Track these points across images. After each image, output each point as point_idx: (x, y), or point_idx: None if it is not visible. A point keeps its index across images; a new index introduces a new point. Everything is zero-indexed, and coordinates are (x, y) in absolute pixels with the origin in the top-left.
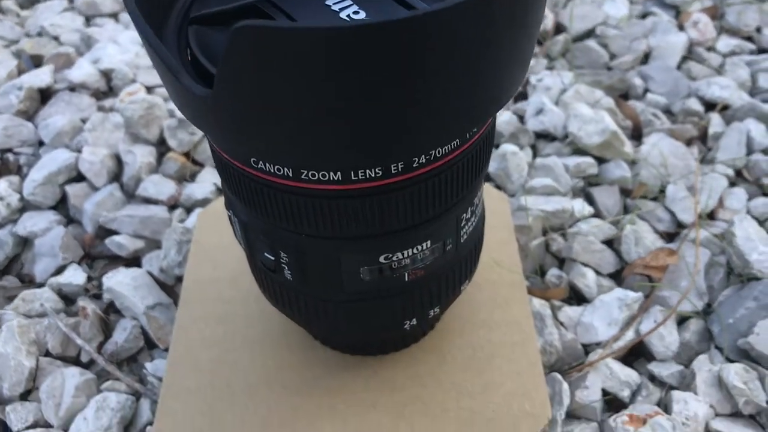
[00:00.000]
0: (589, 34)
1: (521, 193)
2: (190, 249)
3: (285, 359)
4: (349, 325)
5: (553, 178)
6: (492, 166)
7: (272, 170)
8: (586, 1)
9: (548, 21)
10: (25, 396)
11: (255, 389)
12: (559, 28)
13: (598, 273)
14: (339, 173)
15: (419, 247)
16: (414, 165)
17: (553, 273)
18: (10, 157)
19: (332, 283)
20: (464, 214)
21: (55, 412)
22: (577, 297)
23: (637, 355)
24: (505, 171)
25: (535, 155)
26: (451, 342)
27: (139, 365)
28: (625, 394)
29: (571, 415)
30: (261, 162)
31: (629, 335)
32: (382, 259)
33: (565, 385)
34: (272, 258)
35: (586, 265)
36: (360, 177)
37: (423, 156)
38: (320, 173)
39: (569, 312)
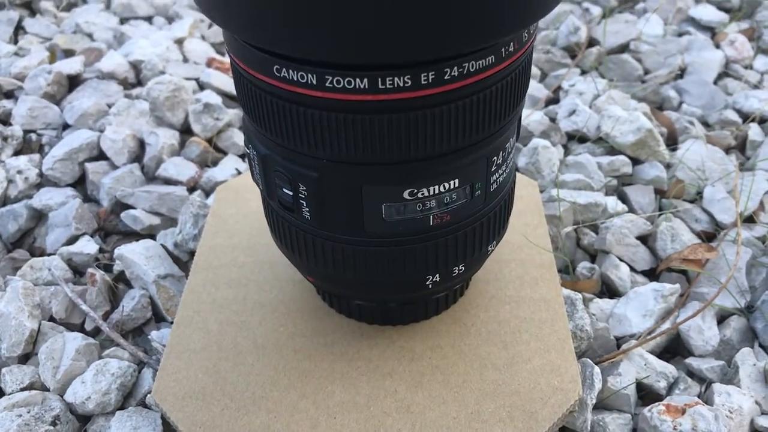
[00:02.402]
0: (623, 48)
1: (552, 187)
2: (207, 220)
3: (297, 325)
4: (368, 275)
5: (585, 174)
6: (522, 161)
7: (296, 78)
8: (620, 19)
9: (581, 34)
10: (23, 360)
11: (263, 351)
12: (591, 42)
13: (631, 269)
14: (366, 80)
15: (446, 185)
16: (445, 77)
17: (584, 266)
18: (33, 137)
19: (353, 223)
20: (495, 158)
21: (53, 375)
22: (609, 292)
23: (673, 353)
24: (536, 165)
25: (566, 155)
26: (476, 316)
27: (144, 338)
28: (661, 385)
29: (602, 407)
30: (284, 70)
31: (665, 329)
32: (406, 194)
33: (597, 369)
34: (291, 193)
35: (620, 259)
36: (388, 86)
37: (455, 67)
38: (345, 80)
39: (601, 304)
